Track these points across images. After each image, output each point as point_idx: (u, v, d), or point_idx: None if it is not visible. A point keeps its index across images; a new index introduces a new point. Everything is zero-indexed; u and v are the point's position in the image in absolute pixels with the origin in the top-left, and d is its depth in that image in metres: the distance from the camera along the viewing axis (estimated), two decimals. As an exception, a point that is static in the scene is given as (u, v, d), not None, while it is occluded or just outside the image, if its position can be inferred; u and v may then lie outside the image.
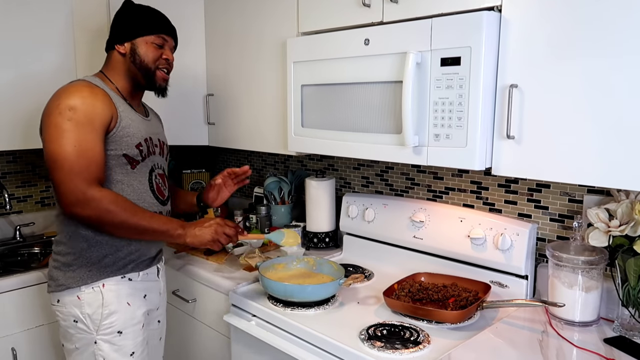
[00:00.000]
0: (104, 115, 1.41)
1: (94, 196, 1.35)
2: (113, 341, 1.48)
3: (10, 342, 1.89)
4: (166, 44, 1.58)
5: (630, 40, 1.08)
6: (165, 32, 1.57)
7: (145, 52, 1.53)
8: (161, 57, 1.56)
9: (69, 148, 1.35)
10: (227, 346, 1.77)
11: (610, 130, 1.13)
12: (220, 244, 1.48)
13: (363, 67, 1.51)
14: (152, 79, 1.56)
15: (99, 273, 1.47)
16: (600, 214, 1.35)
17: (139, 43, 1.53)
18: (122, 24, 1.55)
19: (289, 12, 1.80)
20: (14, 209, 2.39)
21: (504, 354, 1.25)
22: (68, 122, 1.36)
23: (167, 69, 1.59)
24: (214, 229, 1.47)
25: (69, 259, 1.47)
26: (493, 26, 1.26)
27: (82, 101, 1.39)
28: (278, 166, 2.51)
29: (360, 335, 1.34)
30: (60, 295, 1.48)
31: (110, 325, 1.48)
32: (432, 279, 1.65)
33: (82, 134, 1.37)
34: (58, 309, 1.50)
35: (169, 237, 1.45)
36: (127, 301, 1.51)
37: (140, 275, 1.56)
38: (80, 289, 1.46)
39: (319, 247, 2.10)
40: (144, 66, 1.54)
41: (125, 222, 1.39)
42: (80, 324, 1.47)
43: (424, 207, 1.78)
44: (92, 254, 1.47)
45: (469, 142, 1.30)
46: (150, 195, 1.56)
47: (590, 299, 1.38)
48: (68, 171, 1.34)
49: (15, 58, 2.02)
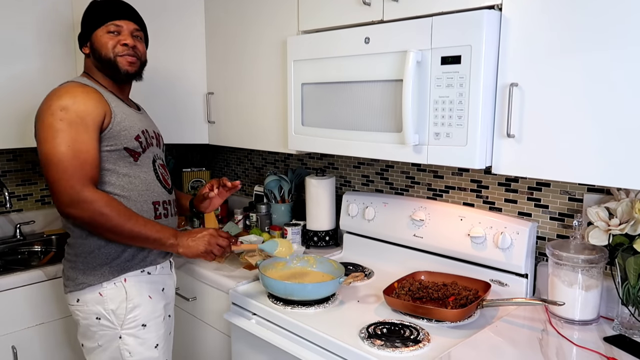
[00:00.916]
0: (96, 114, 1.41)
1: (88, 197, 1.35)
2: (138, 334, 1.49)
3: (11, 340, 1.89)
4: (122, 29, 1.51)
5: (632, 31, 1.08)
6: (115, 18, 1.51)
7: (102, 43, 1.50)
8: (118, 43, 1.50)
9: (62, 148, 1.35)
10: (228, 344, 1.77)
11: (610, 129, 1.13)
12: (213, 254, 1.47)
13: (363, 66, 1.51)
14: (116, 67, 1.51)
15: (119, 268, 1.47)
16: (600, 212, 1.35)
17: (95, 38, 1.51)
18: (81, 26, 1.55)
19: (290, 10, 1.80)
20: (14, 207, 2.39)
21: (503, 352, 1.25)
22: (60, 122, 1.36)
23: (128, 53, 1.52)
24: (207, 240, 1.45)
25: (87, 258, 1.46)
26: (493, 25, 1.26)
27: (74, 101, 1.39)
28: (278, 165, 2.51)
29: (360, 334, 1.34)
30: (81, 294, 1.47)
31: (134, 319, 1.48)
32: (432, 277, 1.65)
33: (75, 134, 1.37)
34: (78, 308, 1.49)
35: (161, 245, 1.44)
36: (149, 294, 1.52)
37: (158, 268, 1.57)
38: (102, 286, 1.46)
39: (319, 246, 2.10)
40: (104, 58, 1.51)
41: (118, 226, 1.38)
42: (104, 320, 1.47)
43: (424, 206, 1.78)
44: (111, 249, 1.47)
45: (469, 140, 1.30)
46: (158, 184, 1.56)
47: (590, 298, 1.38)
48: (62, 171, 1.34)
49: (14, 56, 2.02)
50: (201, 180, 2.72)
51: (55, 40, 2.11)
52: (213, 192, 1.66)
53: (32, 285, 1.92)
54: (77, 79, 1.52)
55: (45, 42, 2.09)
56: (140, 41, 1.58)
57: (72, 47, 2.16)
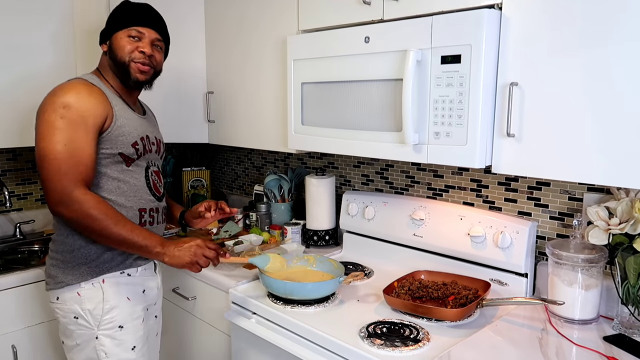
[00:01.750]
0: (97, 115, 1.41)
1: (78, 198, 1.35)
2: (114, 336, 1.49)
3: (11, 339, 1.89)
4: (143, 36, 1.52)
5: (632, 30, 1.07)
6: (140, 24, 1.52)
7: (120, 46, 1.51)
8: (136, 49, 1.51)
9: (59, 146, 1.35)
10: (228, 344, 1.77)
11: (610, 129, 1.13)
12: (200, 266, 1.43)
13: (363, 65, 1.50)
14: (127, 71, 1.52)
15: (98, 269, 1.48)
16: (600, 212, 1.35)
17: (114, 39, 1.52)
18: (106, 23, 1.56)
19: (290, 9, 1.80)
20: (14, 206, 2.39)
21: (503, 351, 1.25)
22: (61, 120, 1.36)
23: (143, 61, 1.52)
24: (193, 251, 1.41)
25: (67, 256, 1.47)
26: (493, 24, 1.26)
27: (77, 99, 1.39)
28: (278, 164, 2.51)
29: (360, 333, 1.34)
30: (60, 293, 1.48)
31: (111, 320, 1.48)
32: (432, 276, 1.65)
33: (74, 133, 1.36)
34: (57, 306, 1.50)
35: (148, 253, 1.43)
36: (127, 296, 1.52)
37: (139, 270, 1.56)
38: (80, 285, 1.47)
39: (319, 245, 2.10)
40: (118, 60, 1.51)
41: (104, 229, 1.37)
42: (81, 320, 1.48)
43: (424, 205, 1.78)
44: (91, 250, 1.47)
45: (469, 140, 1.30)
46: (147, 191, 1.56)
47: (590, 297, 1.38)
48: (56, 169, 1.34)
49: (14, 56, 2.01)
50: (201, 179, 2.72)
51: (55, 41, 2.11)
52: (210, 213, 1.67)
53: (32, 285, 1.92)
54: (85, 76, 1.52)
55: (45, 43, 2.08)
56: (160, 51, 1.59)
57: (72, 47, 2.16)
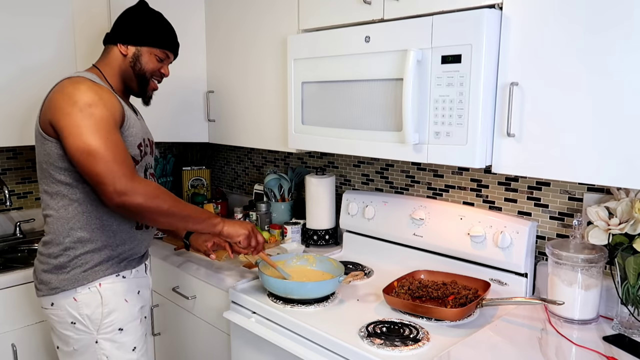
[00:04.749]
0: (118, 114, 1.41)
1: (141, 183, 1.35)
2: (115, 339, 1.48)
3: (11, 338, 1.89)
4: (168, 61, 1.62)
5: (632, 29, 1.07)
6: (172, 50, 1.61)
7: (147, 61, 1.55)
8: (159, 70, 1.60)
9: (101, 141, 1.32)
10: (227, 343, 1.77)
11: (610, 129, 1.13)
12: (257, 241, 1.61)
13: (364, 65, 1.50)
14: (145, 87, 1.59)
15: (94, 273, 1.46)
16: (600, 212, 1.35)
17: (144, 51, 1.54)
18: (132, 25, 1.53)
19: (290, 9, 1.80)
20: (14, 205, 2.40)
21: (503, 351, 1.25)
22: (91, 118, 1.33)
23: (159, 80, 1.63)
24: (250, 228, 1.60)
25: (61, 261, 1.44)
26: (494, 24, 1.26)
27: (99, 97, 1.37)
28: (278, 163, 2.51)
29: (359, 333, 1.34)
30: (54, 299, 1.45)
31: (111, 324, 1.47)
32: (431, 276, 1.65)
33: (107, 130, 1.35)
34: (52, 312, 1.47)
35: (210, 225, 1.52)
36: (125, 298, 1.51)
37: (133, 272, 1.56)
38: (76, 291, 1.44)
39: (319, 245, 2.10)
40: (141, 74, 1.55)
41: (172, 207, 1.41)
42: (79, 325, 1.45)
43: (424, 205, 1.78)
44: (86, 254, 1.45)
45: (469, 140, 1.30)
46: None
47: (590, 297, 1.38)
48: (111, 161, 1.32)
49: (14, 54, 2.01)
50: (201, 178, 2.72)
51: (55, 40, 2.11)
52: (213, 255, 1.75)
53: (32, 284, 1.91)
54: (85, 74, 1.47)
55: (45, 42, 2.08)
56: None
57: (72, 47, 2.16)
